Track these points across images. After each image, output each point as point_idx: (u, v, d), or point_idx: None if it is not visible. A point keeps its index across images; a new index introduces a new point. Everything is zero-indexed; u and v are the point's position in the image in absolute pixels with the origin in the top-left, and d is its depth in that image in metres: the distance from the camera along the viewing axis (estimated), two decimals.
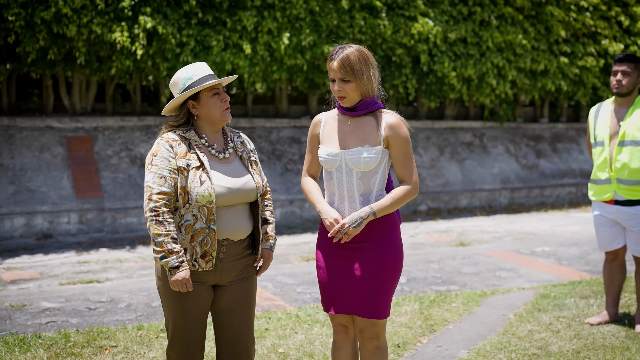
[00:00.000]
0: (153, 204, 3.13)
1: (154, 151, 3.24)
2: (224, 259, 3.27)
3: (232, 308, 3.35)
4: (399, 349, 4.83)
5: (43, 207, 9.08)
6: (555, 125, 14.27)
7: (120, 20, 9.02)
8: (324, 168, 3.47)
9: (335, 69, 3.30)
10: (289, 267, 7.43)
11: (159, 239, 3.10)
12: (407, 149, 3.37)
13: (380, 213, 3.30)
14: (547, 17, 12.44)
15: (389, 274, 3.37)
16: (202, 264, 3.22)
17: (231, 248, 3.29)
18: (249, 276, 3.41)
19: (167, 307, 3.30)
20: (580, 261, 7.85)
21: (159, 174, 3.17)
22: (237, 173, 3.31)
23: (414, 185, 3.38)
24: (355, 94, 3.33)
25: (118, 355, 4.63)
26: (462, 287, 6.67)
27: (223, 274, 3.29)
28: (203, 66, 3.35)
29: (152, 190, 3.14)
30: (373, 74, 3.35)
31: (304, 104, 12.52)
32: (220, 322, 3.38)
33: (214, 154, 3.31)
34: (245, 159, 3.41)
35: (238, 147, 3.43)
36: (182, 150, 3.23)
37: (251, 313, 3.43)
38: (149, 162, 3.22)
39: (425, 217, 11.09)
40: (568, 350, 4.78)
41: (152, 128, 10.42)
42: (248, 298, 3.40)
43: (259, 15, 9.76)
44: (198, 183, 3.17)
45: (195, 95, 3.29)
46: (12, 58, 9.39)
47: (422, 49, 11.06)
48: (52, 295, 6.26)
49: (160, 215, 3.12)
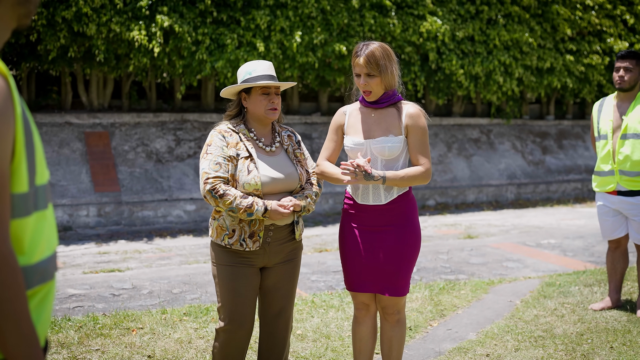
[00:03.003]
0: (210, 185, 3.34)
1: (209, 142, 3.48)
2: (272, 243, 3.51)
3: (277, 287, 3.60)
4: (411, 332, 5.08)
5: (63, 200, 9.36)
6: (561, 122, 14.49)
7: (138, 19, 9.30)
8: (350, 157, 3.71)
9: (361, 64, 3.53)
10: (302, 258, 7.68)
11: (233, 206, 3.32)
12: (424, 137, 3.63)
13: (390, 182, 3.52)
14: (553, 16, 12.67)
15: (410, 255, 3.64)
16: (249, 243, 3.44)
17: (277, 232, 3.52)
18: (294, 257, 3.66)
19: (221, 289, 3.52)
20: (585, 253, 8.08)
21: (214, 161, 3.40)
22: (281, 165, 3.55)
23: (427, 171, 3.61)
24: (379, 88, 3.58)
25: (145, 336, 4.89)
26: (470, 276, 6.92)
27: (271, 257, 3.53)
28: (266, 65, 3.57)
29: (208, 175, 3.36)
30: (395, 69, 3.61)
31: (315, 101, 12.77)
32: (266, 300, 3.63)
33: (261, 146, 3.55)
34: (290, 152, 3.65)
35: (284, 141, 3.67)
36: (233, 141, 3.48)
37: (293, 292, 3.69)
38: (204, 152, 3.46)
39: (433, 212, 11.33)
40: (572, 333, 5.02)
41: (167, 124, 10.69)
42: (292, 278, 3.65)
43: (272, 14, 10.02)
44: (246, 172, 3.42)
45: (249, 89, 3.55)
46: (32, 56, 9.68)
47: (431, 47, 11.31)
48: (76, 282, 6.53)
49: (220, 190, 3.33)
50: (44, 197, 1.65)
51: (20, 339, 1.51)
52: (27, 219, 1.58)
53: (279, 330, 3.64)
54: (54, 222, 1.72)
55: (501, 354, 4.59)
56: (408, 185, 3.61)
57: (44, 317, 1.65)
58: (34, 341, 1.55)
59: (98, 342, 4.75)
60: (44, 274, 1.64)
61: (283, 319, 3.64)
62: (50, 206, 1.70)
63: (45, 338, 1.69)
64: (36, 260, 1.61)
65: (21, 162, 1.55)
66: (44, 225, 1.64)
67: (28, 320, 1.54)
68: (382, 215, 3.62)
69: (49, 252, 1.66)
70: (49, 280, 1.66)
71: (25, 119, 1.57)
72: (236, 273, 3.48)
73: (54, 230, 1.70)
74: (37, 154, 1.61)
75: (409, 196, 3.68)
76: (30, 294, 1.60)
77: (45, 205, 1.66)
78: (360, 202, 3.65)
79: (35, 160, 1.60)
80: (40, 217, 1.63)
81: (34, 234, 1.61)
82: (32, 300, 1.61)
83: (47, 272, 1.65)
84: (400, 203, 3.62)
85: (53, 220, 1.70)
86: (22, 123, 1.55)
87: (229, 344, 3.54)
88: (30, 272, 1.59)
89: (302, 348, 4.70)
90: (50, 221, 1.68)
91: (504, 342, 4.83)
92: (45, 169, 1.67)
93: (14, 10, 1.63)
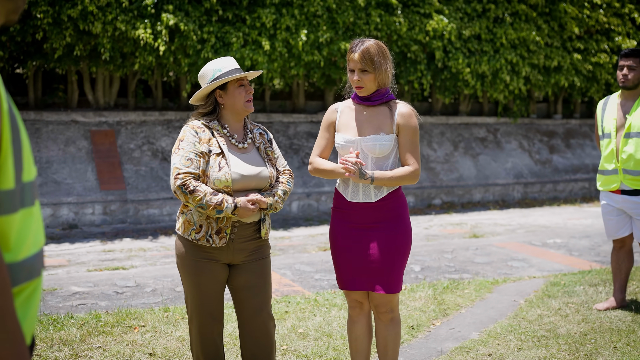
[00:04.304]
0: (180, 181, 3.35)
1: (181, 137, 3.50)
2: (236, 239, 3.51)
3: (249, 286, 3.59)
4: (413, 331, 5.07)
5: (68, 198, 9.38)
6: (568, 121, 14.42)
7: (144, 18, 9.31)
8: (340, 154, 3.71)
9: (356, 60, 3.54)
10: (306, 256, 7.68)
11: (203, 202, 3.33)
12: (415, 137, 3.63)
13: (378, 182, 3.54)
14: (561, 14, 12.61)
15: (401, 251, 3.63)
16: (216, 240, 3.45)
17: (242, 230, 3.52)
18: (263, 256, 3.65)
19: (185, 283, 3.58)
20: (591, 252, 8.03)
21: (186, 157, 3.41)
22: (253, 162, 3.55)
23: (415, 171, 3.61)
24: (372, 84, 3.58)
25: (147, 334, 4.89)
26: (474, 275, 6.89)
27: (235, 254, 3.53)
28: (230, 60, 3.61)
29: (178, 171, 3.38)
30: (389, 67, 3.61)
31: (321, 100, 12.76)
32: (239, 299, 3.63)
33: (234, 143, 3.56)
34: (262, 149, 3.65)
35: (256, 138, 3.68)
36: (205, 137, 3.49)
37: (268, 290, 3.67)
38: (176, 147, 3.47)
39: (439, 211, 11.30)
40: (576, 332, 4.99)
41: (173, 122, 10.70)
42: (264, 276, 3.64)
43: (277, 12, 10.01)
44: (217, 168, 3.42)
45: (223, 86, 3.56)
46: (39, 54, 9.71)
47: (437, 46, 11.27)
48: (80, 280, 6.54)
49: (190, 186, 3.34)
50: (31, 194, 1.64)
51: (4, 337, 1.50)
52: (13, 216, 1.57)
53: (259, 330, 3.62)
54: (41, 219, 1.71)
55: (503, 354, 4.56)
56: (396, 185, 3.63)
57: (30, 315, 1.64)
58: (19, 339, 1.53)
59: (100, 340, 4.75)
60: (31, 271, 1.63)
61: (261, 318, 3.61)
62: (37, 203, 1.69)
63: (32, 336, 1.68)
64: (22, 258, 1.60)
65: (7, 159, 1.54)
66: (30, 222, 1.63)
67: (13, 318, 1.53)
68: (372, 212, 3.62)
69: (36, 249, 1.65)
70: (36, 278, 1.65)
71: (12, 115, 1.56)
72: (201, 267, 3.50)
73: (40, 227, 1.69)
74: (24, 150, 1.60)
75: (398, 193, 3.70)
76: (16, 291, 1.59)
77: (32, 202, 1.65)
78: (350, 200, 3.65)
79: (22, 156, 1.59)
80: (26, 214, 1.62)
81: (20, 231, 1.60)
82: (18, 297, 1.60)
83: (34, 270, 1.64)
84: (389, 200, 3.63)
85: (40, 217, 1.69)
86: (8, 119, 1.54)
87: (201, 337, 3.59)
88: (16, 269, 1.58)
89: (303, 347, 4.69)
90: (37, 218, 1.67)
91: (506, 341, 4.81)
92: (32, 165, 1.66)
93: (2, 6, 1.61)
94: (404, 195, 3.76)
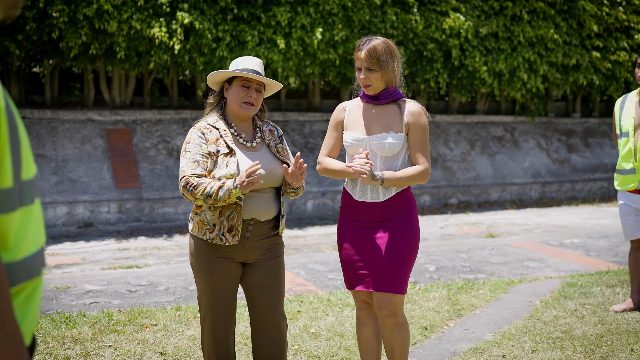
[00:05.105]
0: (184, 181, 3.33)
1: (187, 139, 3.47)
2: (251, 238, 3.47)
3: (262, 284, 3.55)
4: (427, 331, 5.01)
5: (84, 196, 9.42)
6: (587, 120, 14.27)
7: (159, 16, 9.32)
8: (348, 153, 3.66)
9: (362, 58, 3.50)
10: (320, 256, 7.65)
11: (207, 191, 3.28)
12: (424, 136, 3.58)
13: (388, 182, 3.48)
14: (579, 12, 12.47)
15: (407, 250, 3.56)
16: (228, 238, 3.41)
17: (257, 228, 3.49)
18: (277, 255, 3.61)
19: (199, 282, 3.54)
20: (609, 253, 7.93)
21: (192, 159, 3.38)
22: (263, 160, 3.50)
23: (425, 170, 3.55)
24: (379, 83, 3.53)
25: (158, 333, 4.88)
26: (490, 275, 6.82)
27: (250, 252, 3.49)
28: (257, 61, 3.56)
29: (184, 173, 3.35)
30: (397, 66, 3.55)
31: (337, 98, 12.71)
32: (252, 298, 3.59)
33: (242, 142, 3.52)
34: (272, 146, 3.60)
35: (266, 135, 3.63)
36: (212, 137, 3.45)
37: (281, 289, 3.63)
38: (183, 150, 3.45)
39: (455, 210, 11.22)
40: (592, 334, 4.91)
41: (189, 121, 10.71)
42: (277, 274, 3.60)
43: (292, 10, 9.98)
44: (224, 167, 3.39)
45: (231, 80, 3.53)
46: (55, 53, 9.75)
47: (454, 44, 11.19)
48: (94, 278, 6.55)
49: (193, 182, 3.31)
50: (30, 192, 1.62)
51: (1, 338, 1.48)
52: (11, 215, 1.55)
53: (271, 329, 3.59)
54: (41, 218, 1.68)
55: (517, 355, 4.50)
56: (406, 185, 3.58)
57: (30, 315, 1.61)
58: (17, 340, 1.51)
59: (111, 338, 4.75)
60: (30, 270, 1.61)
61: (273, 317, 3.58)
62: (37, 201, 1.67)
63: (33, 336, 1.66)
64: (21, 257, 1.58)
65: (5, 157, 1.52)
66: (29, 221, 1.61)
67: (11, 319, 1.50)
68: (379, 211, 3.57)
69: (35, 248, 1.63)
70: (36, 277, 1.63)
71: (9, 113, 1.54)
72: (215, 266, 3.46)
73: (40, 226, 1.67)
74: (23, 148, 1.58)
75: (407, 193, 3.64)
76: (15, 291, 1.57)
77: (32, 201, 1.63)
78: (357, 199, 3.61)
79: (21, 154, 1.57)
80: (26, 212, 1.60)
81: (19, 230, 1.58)
82: (17, 297, 1.58)
83: (33, 269, 1.62)
84: (398, 199, 3.58)
85: (40, 216, 1.67)
86: (5, 116, 1.51)
87: (213, 336, 3.56)
88: (14, 268, 1.56)
89: (315, 347, 4.66)
90: (37, 217, 1.65)
91: (521, 343, 4.74)
92: (31, 163, 1.63)
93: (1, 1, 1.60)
94: (413, 195, 3.70)
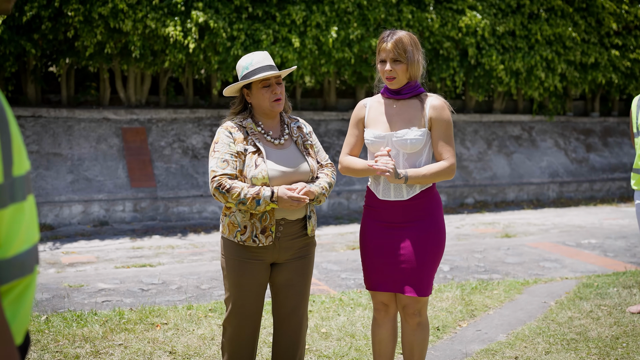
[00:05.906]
0: (216, 183, 3.29)
1: (216, 140, 3.42)
2: (282, 238, 3.42)
3: (290, 284, 3.51)
4: (439, 332, 4.96)
5: (99, 195, 9.45)
6: (606, 119, 14.11)
7: (174, 15, 9.32)
8: (370, 150, 3.59)
9: (389, 49, 3.43)
10: (334, 255, 7.61)
11: (241, 198, 3.24)
12: (449, 130, 3.49)
13: (412, 180, 3.40)
14: (598, 10, 12.32)
15: (433, 252, 3.49)
16: (262, 239, 3.37)
17: (288, 227, 3.44)
18: (307, 254, 3.56)
19: (227, 282, 3.49)
20: (626, 253, 7.82)
21: (222, 159, 3.34)
22: (291, 157, 3.46)
23: (451, 166, 3.46)
24: (404, 75, 3.46)
25: (169, 332, 4.87)
26: (504, 276, 6.74)
27: (281, 252, 3.45)
28: (261, 56, 3.48)
29: (215, 173, 3.31)
30: (421, 59, 3.50)
31: (352, 97, 12.67)
32: (278, 296, 3.56)
33: (270, 140, 3.47)
34: (300, 143, 3.55)
35: (294, 132, 3.58)
36: (240, 136, 3.41)
37: (307, 289, 3.59)
38: (212, 150, 3.40)
39: (471, 210, 11.13)
40: (607, 336, 4.83)
41: (204, 120, 10.72)
42: (305, 275, 3.56)
43: (307, 9, 9.95)
44: (253, 167, 3.34)
45: (249, 84, 3.48)
46: (71, 52, 9.79)
47: (470, 42, 11.09)
48: (107, 277, 6.56)
49: (226, 185, 3.27)
50: (22, 188, 1.60)
51: None
52: (2, 211, 1.52)
53: (292, 329, 3.56)
54: (35, 215, 1.66)
55: (530, 357, 4.43)
56: (431, 182, 3.49)
57: (21, 314, 1.59)
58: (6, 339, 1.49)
59: (121, 337, 4.74)
60: (22, 268, 1.58)
61: (296, 317, 3.55)
62: (31, 198, 1.64)
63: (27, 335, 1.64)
64: (13, 254, 1.55)
65: None
66: (21, 218, 1.59)
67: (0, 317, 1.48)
68: (403, 211, 3.49)
69: (28, 245, 1.61)
70: (28, 275, 1.61)
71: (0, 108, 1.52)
72: (244, 268, 3.42)
73: (34, 222, 1.64)
74: (14, 143, 1.56)
75: (432, 192, 3.55)
76: (5, 289, 1.55)
77: (24, 197, 1.60)
78: (381, 198, 3.54)
79: (12, 150, 1.55)
80: (17, 209, 1.57)
81: (10, 227, 1.55)
82: (8, 295, 1.56)
83: (26, 266, 1.60)
84: (423, 199, 3.49)
85: (34, 213, 1.65)
86: None
87: (236, 338, 3.50)
88: (5, 266, 1.53)
89: (325, 347, 4.62)
90: (30, 213, 1.62)
91: (534, 344, 4.67)
92: (24, 159, 1.61)
93: None
94: (438, 194, 3.61)
